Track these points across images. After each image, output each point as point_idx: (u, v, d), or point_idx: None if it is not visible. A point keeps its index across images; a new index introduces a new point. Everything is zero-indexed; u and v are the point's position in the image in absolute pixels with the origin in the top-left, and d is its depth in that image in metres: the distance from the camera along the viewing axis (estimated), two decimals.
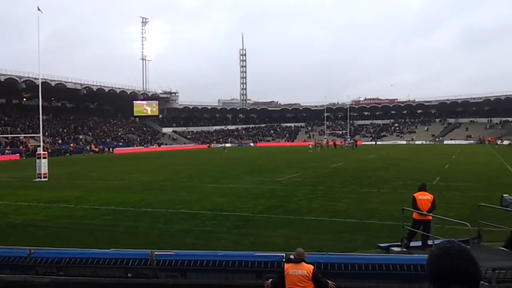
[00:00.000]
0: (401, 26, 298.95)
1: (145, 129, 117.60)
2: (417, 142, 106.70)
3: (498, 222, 13.53)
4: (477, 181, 29.54)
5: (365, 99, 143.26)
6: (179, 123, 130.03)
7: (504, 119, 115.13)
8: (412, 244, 12.37)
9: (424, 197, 12.77)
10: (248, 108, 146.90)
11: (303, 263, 7.36)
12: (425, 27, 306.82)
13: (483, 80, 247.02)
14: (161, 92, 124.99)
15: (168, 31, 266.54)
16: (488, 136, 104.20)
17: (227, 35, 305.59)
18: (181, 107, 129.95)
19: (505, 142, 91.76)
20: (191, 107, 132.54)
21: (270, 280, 7.70)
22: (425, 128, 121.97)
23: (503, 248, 12.19)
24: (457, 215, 16.39)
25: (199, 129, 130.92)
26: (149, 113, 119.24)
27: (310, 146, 78.14)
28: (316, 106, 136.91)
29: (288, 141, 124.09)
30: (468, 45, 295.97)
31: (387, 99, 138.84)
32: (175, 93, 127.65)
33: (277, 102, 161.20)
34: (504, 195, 13.45)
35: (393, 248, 12.36)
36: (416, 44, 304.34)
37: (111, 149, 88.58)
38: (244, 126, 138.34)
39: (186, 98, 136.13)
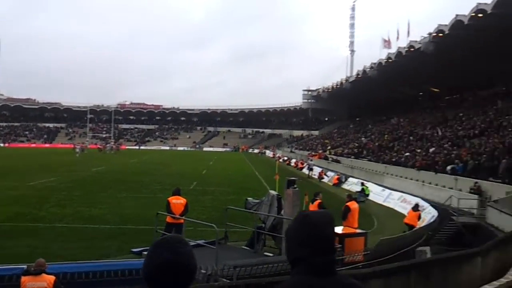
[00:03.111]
0: (177, 35, 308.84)
1: None
2: (179, 148, 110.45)
3: (243, 223, 14.88)
4: (229, 185, 32.03)
5: (131, 103, 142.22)
6: None
7: (256, 129, 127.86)
8: None
9: (177, 201, 13.24)
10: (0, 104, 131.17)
11: (44, 275, 6.81)
12: (201, 39, 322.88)
13: (246, 93, 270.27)
14: None
15: None
16: (242, 145, 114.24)
17: None
18: None
19: (256, 151, 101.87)
20: None
21: None
22: (187, 135, 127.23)
23: (245, 247, 13.45)
24: (209, 217, 17.46)
25: None
26: None
27: (77, 150, 73.52)
28: (79, 107, 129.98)
29: (46, 142, 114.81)
30: (237, 60, 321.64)
31: (152, 105, 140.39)
32: None
33: (35, 100, 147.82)
34: (248, 198, 14.86)
35: (145, 253, 12.44)
36: (190, 54, 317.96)
37: None
38: None
39: None
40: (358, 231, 14.11)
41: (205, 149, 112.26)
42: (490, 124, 35.13)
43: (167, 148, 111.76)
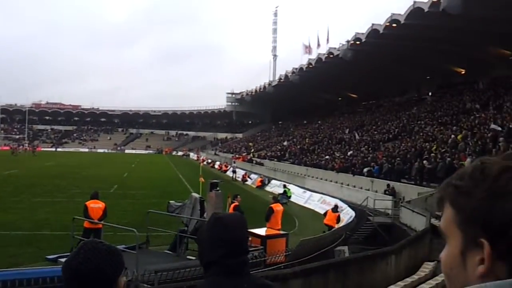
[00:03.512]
0: (98, 34, 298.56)
1: None
2: (99, 150, 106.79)
3: (165, 227, 14.67)
4: (151, 188, 31.43)
5: (47, 103, 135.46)
6: None
7: (180, 132, 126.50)
8: None
9: (96, 205, 12.81)
10: None
11: None
12: (124, 39, 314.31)
13: (171, 95, 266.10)
14: None
15: None
16: (165, 147, 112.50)
17: None
18: None
19: (179, 153, 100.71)
20: None
21: None
22: (108, 137, 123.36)
23: (167, 251, 13.25)
24: (130, 222, 16.98)
25: None
26: None
27: None
28: None
29: None
30: (161, 62, 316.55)
31: (70, 105, 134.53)
32: None
33: None
34: (171, 201, 14.66)
35: (61, 260, 11.90)
36: (113, 54, 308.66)
37: None
38: None
39: None
40: (281, 232, 14.37)
41: (127, 151, 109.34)
42: (403, 129, 37.17)
43: (86, 150, 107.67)
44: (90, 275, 1.76)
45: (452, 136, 27.64)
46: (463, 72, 44.44)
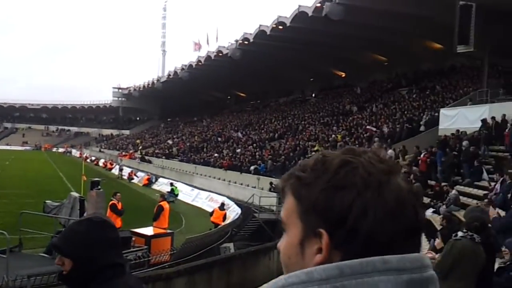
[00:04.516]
0: None
1: None
2: None
3: (41, 228, 13.75)
4: (28, 188, 29.36)
5: None
6: None
7: (61, 127, 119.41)
8: None
9: None
10: None
11: None
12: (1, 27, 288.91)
13: (56, 89, 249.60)
14: None
15: None
16: (44, 143, 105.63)
17: None
18: None
19: (61, 150, 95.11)
20: None
21: None
22: None
23: (43, 254, 12.44)
24: (2, 224, 15.73)
25: None
26: None
27: None
28: None
29: None
30: (45, 53, 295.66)
31: None
32: None
33: None
34: (47, 201, 13.80)
35: None
36: None
37: None
38: None
39: None
40: (166, 231, 14.19)
41: (0, 147, 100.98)
42: (288, 128, 38.59)
43: None
44: None
45: (333, 135, 29.26)
46: (343, 76, 47.24)
